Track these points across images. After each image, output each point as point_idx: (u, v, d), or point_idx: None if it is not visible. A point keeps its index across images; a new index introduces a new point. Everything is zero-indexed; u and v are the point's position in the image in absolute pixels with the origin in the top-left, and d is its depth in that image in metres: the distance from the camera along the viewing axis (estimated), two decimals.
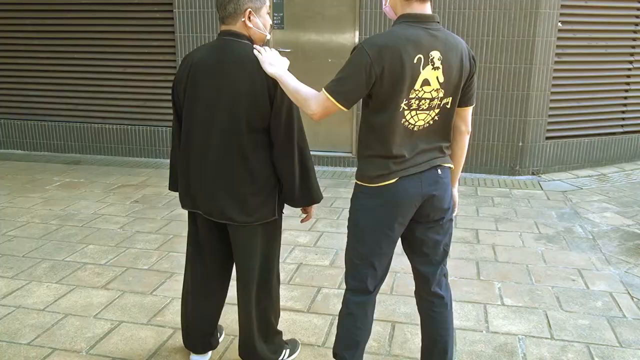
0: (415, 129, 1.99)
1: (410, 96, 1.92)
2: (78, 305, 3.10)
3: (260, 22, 2.19)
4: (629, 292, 3.28)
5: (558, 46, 5.69)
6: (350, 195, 2.16)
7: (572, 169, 6.10)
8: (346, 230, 2.17)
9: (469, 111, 2.14)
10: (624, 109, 6.28)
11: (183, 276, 2.52)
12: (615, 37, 5.99)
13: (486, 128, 5.83)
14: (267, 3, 2.23)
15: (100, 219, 4.51)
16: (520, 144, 5.81)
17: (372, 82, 1.88)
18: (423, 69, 1.90)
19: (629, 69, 6.15)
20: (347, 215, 2.16)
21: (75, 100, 6.77)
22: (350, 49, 5.94)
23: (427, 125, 2.01)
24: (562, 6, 5.58)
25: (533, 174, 5.92)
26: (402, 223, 2.06)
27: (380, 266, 2.12)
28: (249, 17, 2.15)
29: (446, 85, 1.96)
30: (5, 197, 5.07)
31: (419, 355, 2.43)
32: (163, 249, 3.90)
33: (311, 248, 3.94)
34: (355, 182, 2.11)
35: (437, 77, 1.93)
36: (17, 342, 2.71)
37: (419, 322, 2.28)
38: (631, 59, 6.12)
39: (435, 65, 1.92)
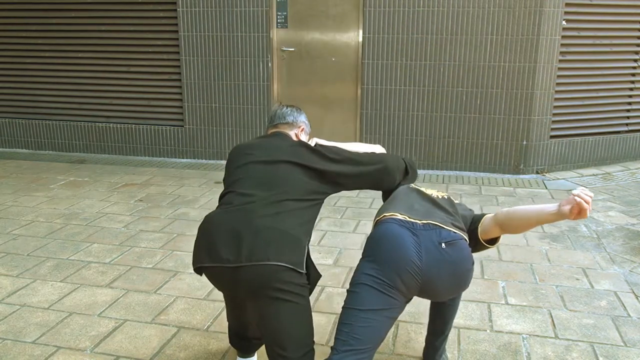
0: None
1: None
2: (82, 303, 3.11)
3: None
4: (633, 292, 3.27)
5: (562, 45, 5.68)
6: (354, 194, 2.15)
7: (576, 168, 6.08)
8: (350, 229, 2.17)
9: None
10: (629, 107, 6.26)
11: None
12: (620, 36, 5.96)
13: (490, 127, 5.82)
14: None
15: (105, 218, 4.52)
16: (525, 142, 5.79)
17: None
18: None
19: (634, 67, 6.12)
20: (351, 214, 2.15)
21: (79, 99, 6.79)
22: (354, 47, 5.99)
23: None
24: (567, 4, 5.57)
25: (537, 172, 5.90)
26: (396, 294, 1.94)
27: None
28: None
29: None
30: (10, 196, 5.09)
31: (422, 355, 2.43)
32: (167, 248, 3.91)
33: (315, 247, 3.93)
34: None
35: None
36: (21, 341, 2.72)
37: (422, 321, 2.29)
38: (636, 57, 6.09)
39: None
